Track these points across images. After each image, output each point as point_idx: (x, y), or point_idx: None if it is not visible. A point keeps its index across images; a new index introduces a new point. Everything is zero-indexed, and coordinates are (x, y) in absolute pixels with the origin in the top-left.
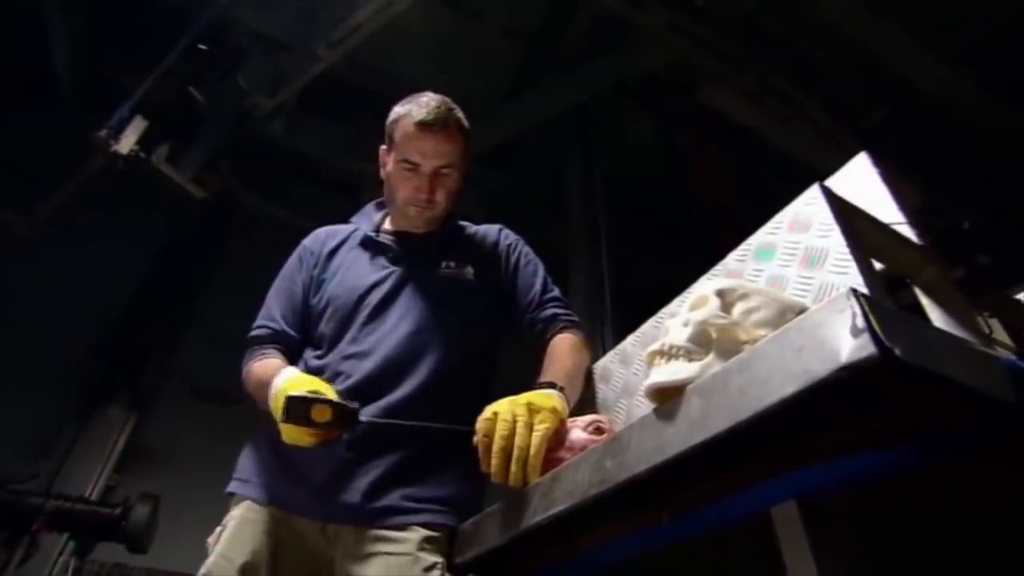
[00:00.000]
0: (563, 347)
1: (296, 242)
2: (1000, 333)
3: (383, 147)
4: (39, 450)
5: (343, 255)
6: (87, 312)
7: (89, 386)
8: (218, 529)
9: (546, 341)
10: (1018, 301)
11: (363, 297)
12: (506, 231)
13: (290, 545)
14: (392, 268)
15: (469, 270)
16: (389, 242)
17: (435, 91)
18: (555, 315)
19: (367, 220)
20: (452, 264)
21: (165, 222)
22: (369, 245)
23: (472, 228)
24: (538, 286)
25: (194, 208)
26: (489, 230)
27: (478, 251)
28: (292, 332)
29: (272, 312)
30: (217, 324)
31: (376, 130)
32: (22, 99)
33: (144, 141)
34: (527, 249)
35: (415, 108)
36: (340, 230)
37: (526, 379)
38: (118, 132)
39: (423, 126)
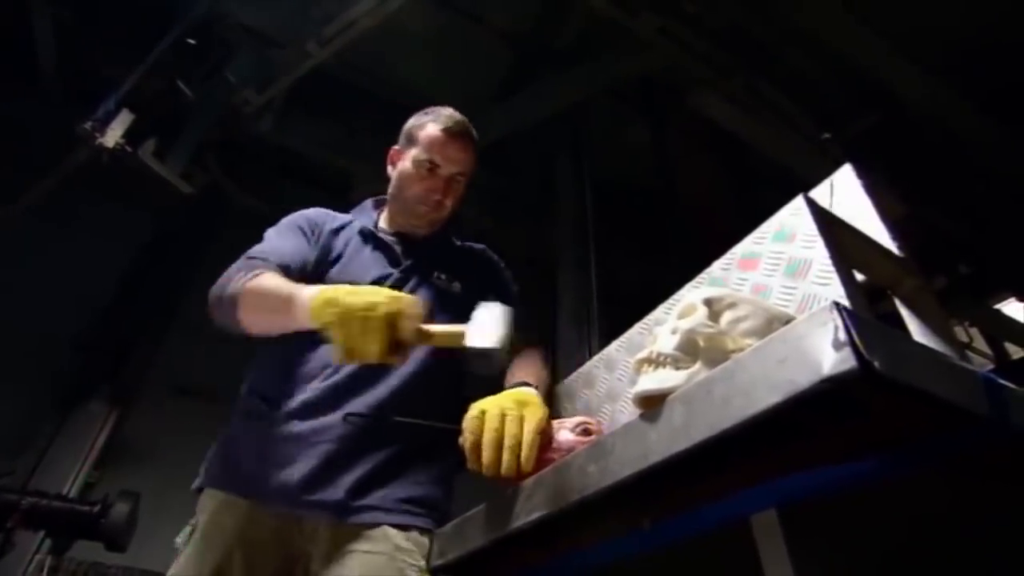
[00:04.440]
0: (533, 356)
1: None
2: (979, 341)
3: (396, 147)
4: (16, 445)
5: (343, 241)
6: (69, 305)
7: (69, 380)
8: (187, 528)
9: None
10: (997, 311)
11: None
12: (489, 252)
13: (265, 541)
14: (391, 270)
15: (456, 285)
16: (390, 242)
17: (427, 89)
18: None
19: (366, 216)
20: (443, 276)
21: (151, 216)
22: (369, 239)
23: (460, 243)
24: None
25: (180, 203)
26: (474, 249)
27: (466, 268)
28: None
29: (281, 252)
30: (201, 320)
31: (366, 128)
32: (5, 88)
33: (130, 134)
34: (508, 274)
35: (442, 115)
36: (337, 216)
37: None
38: (103, 125)
39: (450, 132)
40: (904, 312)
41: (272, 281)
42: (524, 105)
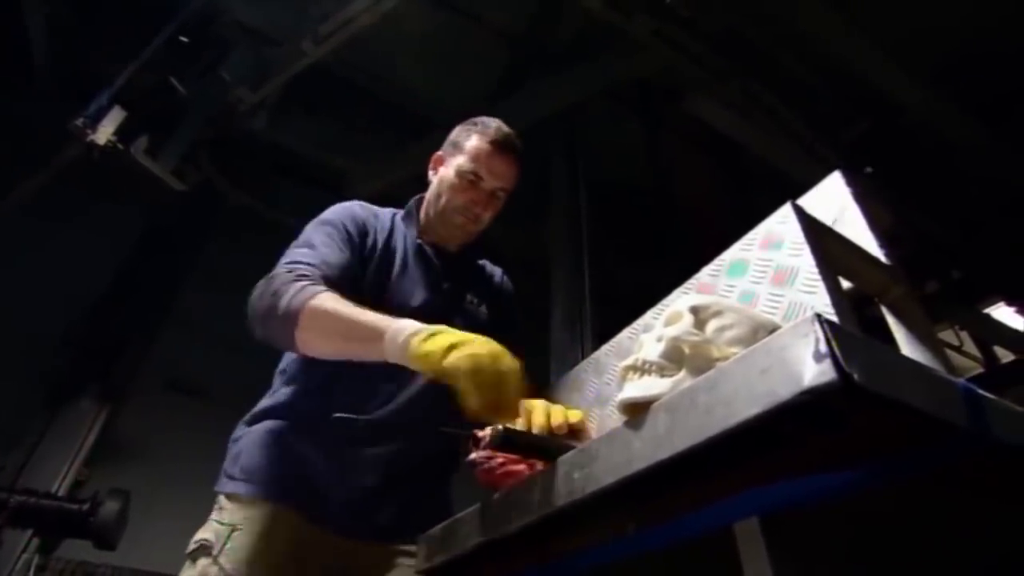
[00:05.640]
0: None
1: (277, 237)
2: (969, 345)
3: (439, 153)
4: (5, 443)
5: (395, 253)
6: (60, 302)
7: (60, 377)
8: (223, 529)
9: None
10: (987, 315)
11: (414, 315)
12: (508, 279)
13: (316, 559)
14: (436, 292)
15: (483, 311)
16: (433, 259)
17: (423, 88)
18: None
19: (412, 222)
20: (474, 300)
21: (143, 213)
22: (416, 253)
23: (484, 264)
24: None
25: (173, 200)
26: (496, 272)
27: (489, 292)
28: (339, 288)
29: (330, 262)
30: (194, 317)
31: (361, 126)
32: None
33: (122, 131)
34: (516, 306)
35: (490, 127)
36: (380, 215)
37: None
38: (95, 122)
39: (499, 146)
40: (890, 320)
41: (343, 305)
42: (520, 105)
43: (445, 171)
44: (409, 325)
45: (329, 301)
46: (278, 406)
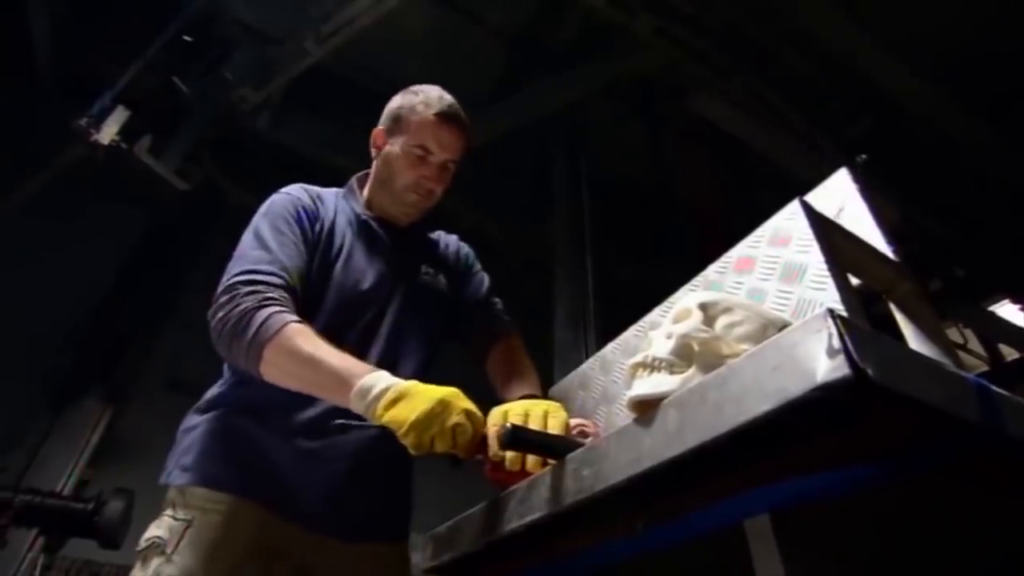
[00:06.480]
0: (530, 374)
1: None
2: (974, 343)
3: (382, 128)
4: (9, 443)
5: (341, 234)
6: (63, 302)
7: (63, 377)
8: (178, 525)
9: (497, 339)
10: (991, 313)
11: (365, 296)
12: (465, 245)
13: (278, 552)
14: (387, 268)
15: (441, 279)
16: (381, 234)
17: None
18: (500, 313)
19: (355, 200)
20: (430, 271)
21: (146, 213)
22: (363, 230)
23: (438, 235)
24: (484, 293)
25: (176, 200)
26: (451, 241)
27: (447, 262)
28: (298, 294)
29: (281, 260)
30: (197, 317)
31: (362, 125)
32: (1, 83)
33: (126, 131)
34: (479, 265)
35: (434, 99)
36: (323, 196)
37: None
38: (99, 121)
39: (445, 117)
40: (898, 316)
41: (310, 344)
42: (521, 105)
43: (391, 148)
44: (375, 385)
45: (297, 337)
46: (235, 393)
